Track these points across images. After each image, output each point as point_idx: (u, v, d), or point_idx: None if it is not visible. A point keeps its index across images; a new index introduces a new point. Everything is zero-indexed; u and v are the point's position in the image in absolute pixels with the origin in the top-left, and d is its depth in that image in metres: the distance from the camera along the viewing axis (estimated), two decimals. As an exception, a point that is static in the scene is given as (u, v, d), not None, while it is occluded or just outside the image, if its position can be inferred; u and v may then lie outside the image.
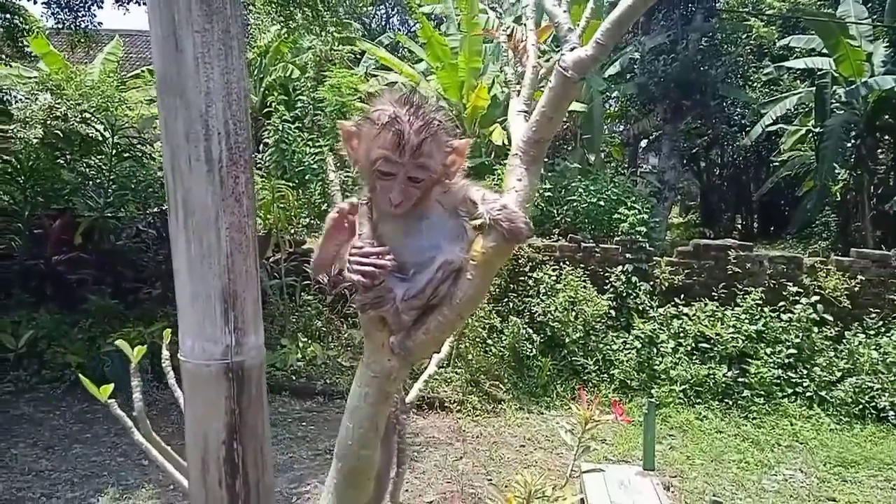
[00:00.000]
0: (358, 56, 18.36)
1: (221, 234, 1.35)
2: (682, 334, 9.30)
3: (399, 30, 23.15)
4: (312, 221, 11.88)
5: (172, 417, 6.81)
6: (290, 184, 11.10)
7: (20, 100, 15.64)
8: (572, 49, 1.27)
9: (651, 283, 9.82)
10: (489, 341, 9.20)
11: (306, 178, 12.27)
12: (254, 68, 18.02)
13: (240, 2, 1.34)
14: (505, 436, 7.79)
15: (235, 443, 1.43)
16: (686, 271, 9.83)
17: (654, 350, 9.24)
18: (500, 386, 8.79)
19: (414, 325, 1.51)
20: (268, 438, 1.53)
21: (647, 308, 9.59)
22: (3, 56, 11.26)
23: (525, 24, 1.69)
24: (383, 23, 26.46)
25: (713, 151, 21.60)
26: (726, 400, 8.82)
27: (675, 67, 14.46)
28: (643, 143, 19.60)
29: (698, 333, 9.23)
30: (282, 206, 10.03)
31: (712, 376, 8.82)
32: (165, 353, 1.76)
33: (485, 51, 14.64)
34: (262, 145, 13.57)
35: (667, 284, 9.77)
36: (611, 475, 5.87)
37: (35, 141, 12.20)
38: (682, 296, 9.62)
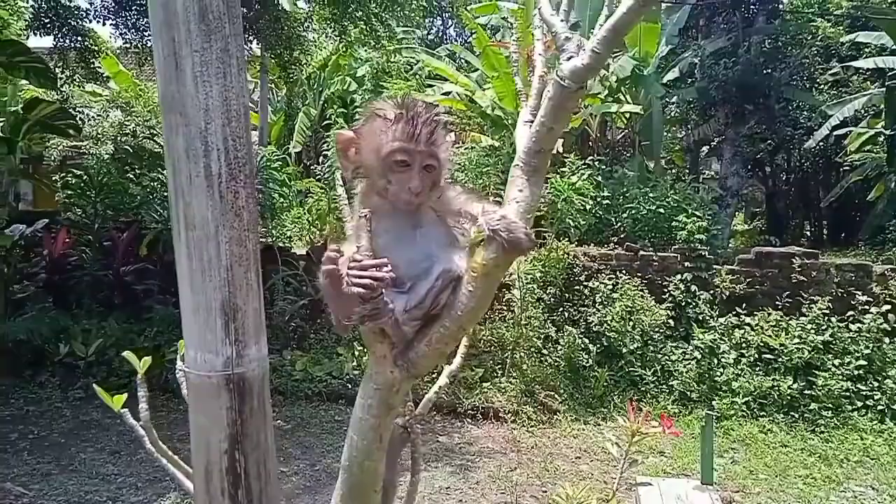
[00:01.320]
0: (414, 67, 18.49)
1: (221, 247, 1.37)
2: (744, 345, 9.01)
3: (456, 41, 23.27)
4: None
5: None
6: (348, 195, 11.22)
7: (92, 117, 16.35)
8: (569, 58, 1.25)
9: (711, 292, 9.55)
10: (544, 351, 9.11)
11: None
12: (313, 82, 18.39)
13: (240, 21, 1.37)
14: (560, 447, 7.69)
15: (237, 453, 1.45)
16: (748, 280, 9.53)
17: (715, 361, 8.98)
18: (556, 396, 8.68)
19: (416, 337, 1.52)
20: (271, 450, 1.54)
21: (707, 318, 9.33)
22: (77, 77, 11.75)
23: (533, 34, 1.66)
24: (440, 34, 26.60)
25: (778, 156, 20.86)
26: (792, 413, 8.49)
27: (737, 71, 14.08)
28: (704, 149, 19.11)
29: (761, 344, 8.93)
30: (339, 216, 10.16)
31: (777, 388, 8.52)
32: (179, 364, 1.79)
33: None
34: (321, 157, 13.81)
35: (728, 293, 9.50)
36: (668, 489, 5.71)
37: (106, 156, 12.70)
38: (744, 305, 9.32)
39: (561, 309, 9.58)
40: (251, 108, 16.70)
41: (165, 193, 10.58)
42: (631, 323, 9.10)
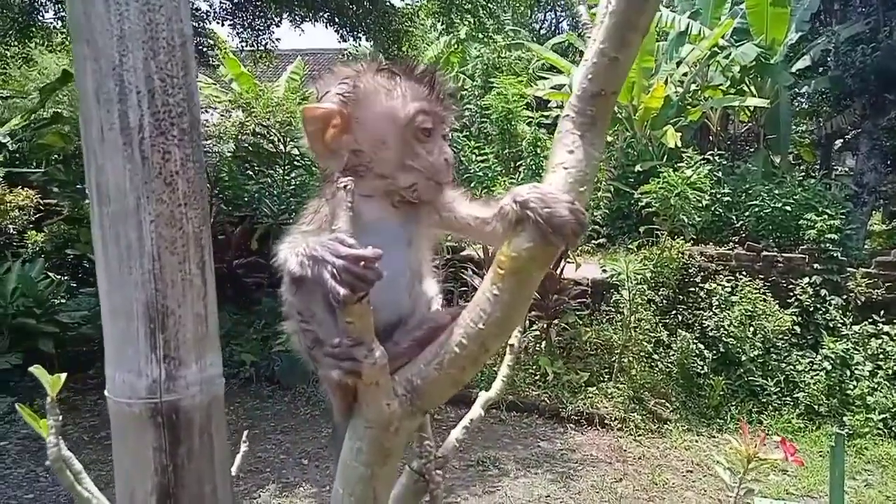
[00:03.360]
0: (527, 62, 18.23)
1: (145, 228, 1.04)
2: (881, 356, 8.20)
3: (570, 33, 22.79)
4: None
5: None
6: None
7: (218, 117, 17.07)
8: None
9: (844, 297, 8.76)
10: (655, 356, 8.62)
11: (472, 185, 12.27)
12: (425, 79, 18.49)
13: None
14: (670, 458, 7.22)
15: None
16: (887, 284, 8.68)
17: (847, 373, 8.20)
18: (667, 404, 8.19)
19: (422, 357, 1.16)
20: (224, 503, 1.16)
21: (839, 325, 8.56)
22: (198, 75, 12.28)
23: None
24: (553, 28, 26.11)
25: (923, 150, 19.10)
26: (937, 433, 7.64)
27: (876, 57, 12.88)
28: (838, 143, 17.71)
29: (903, 356, 8.09)
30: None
31: (920, 405, 7.68)
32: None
33: (657, 49, 13.94)
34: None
35: (863, 299, 8.68)
36: (790, 513, 5.21)
37: (228, 154, 13.18)
38: (882, 312, 8.50)
39: (674, 312, 9.04)
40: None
41: (278, 191, 10.91)
42: (751, 328, 8.46)
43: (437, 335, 1.16)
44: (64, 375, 1.29)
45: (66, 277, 9.30)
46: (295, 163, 10.83)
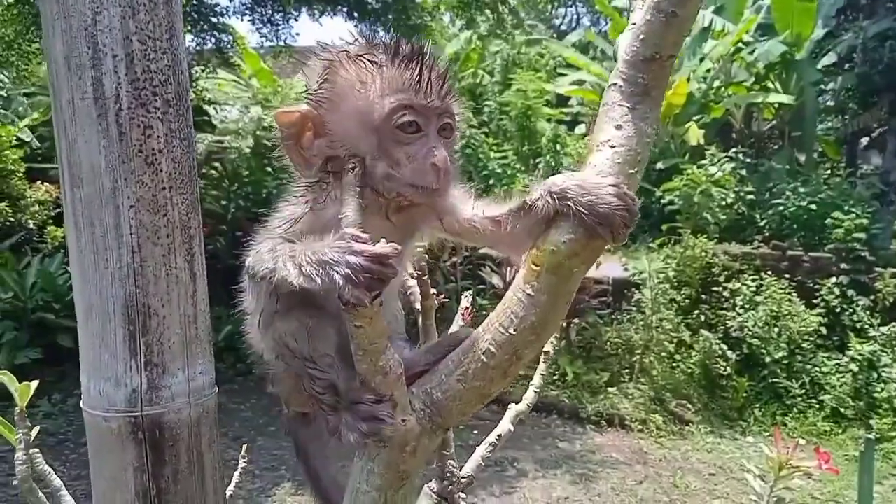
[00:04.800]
0: (548, 58, 18.09)
1: (122, 214, 0.90)
2: (911, 358, 7.98)
3: (590, 29, 22.56)
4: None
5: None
6: (476, 189, 11.08)
7: (237, 113, 17.13)
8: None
9: (871, 297, 8.56)
10: (677, 357, 8.48)
11: (490, 182, 12.19)
12: (445, 76, 18.42)
13: None
14: (692, 461, 7.08)
15: None
16: (917, 285, 8.47)
17: (875, 375, 8.01)
18: (689, 406, 8.05)
19: (443, 366, 1.02)
20: None
21: (866, 326, 8.36)
22: (213, 68, 12.26)
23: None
24: (572, 23, 25.91)
25: (953, 149, 18.73)
26: (968, 438, 7.44)
27: (906, 53, 12.64)
28: (864, 141, 17.39)
29: (932, 358, 7.89)
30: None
31: (950, 409, 7.49)
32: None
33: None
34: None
35: (892, 300, 8.46)
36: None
37: (247, 150, 13.18)
38: (912, 314, 8.28)
39: (696, 312, 8.87)
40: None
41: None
42: (776, 329, 8.28)
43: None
44: (35, 384, 1.18)
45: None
46: (314, 158, 10.80)
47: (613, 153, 0.91)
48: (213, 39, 11.38)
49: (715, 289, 8.91)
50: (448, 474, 1.37)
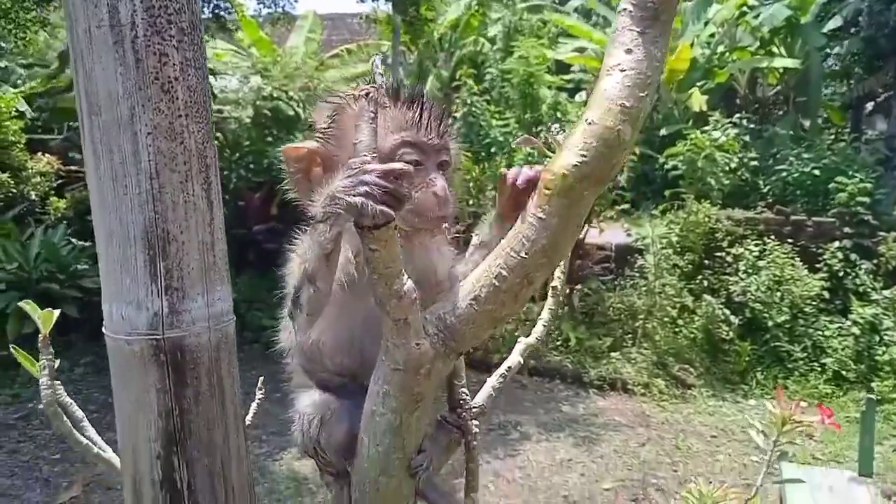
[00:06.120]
0: (550, 25, 17.92)
1: (140, 141, 0.90)
2: (912, 321, 8.00)
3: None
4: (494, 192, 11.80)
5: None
6: (478, 156, 11.02)
7: (237, 82, 17.03)
8: None
9: (875, 261, 8.56)
10: (679, 321, 8.50)
11: (492, 150, 12.13)
12: (444, 43, 18.17)
13: None
14: (694, 424, 7.15)
15: (176, 459, 0.99)
16: (920, 249, 8.46)
17: (877, 338, 8.03)
18: (691, 370, 8.10)
19: (456, 292, 1.05)
20: (238, 454, 1.07)
21: (869, 290, 8.37)
22: (212, 34, 12.17)
23: None
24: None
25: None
26: (969, 399, 7.48)
27: (913, 16, 12.50)
28: (869, 106, 17.26)
29: (934, 321, 7.90)
30: (465, 178, 9.97)
31: (951, 371, 7.52)
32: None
33: (683, 9, 13.60)
34: (452, 119, 13.67)
35: (895, 263, 8.46)
36: (819, 479, 5.11)
37: (247, 120, 13.14)
38: (915, 277, 8.28)
39: (699, 277, 8.88)
40: (378, 71, 16.79)
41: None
42: (779, 294, 8.30)
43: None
44: (57, 312, 1.24)
45: (88, 243, 9.34)
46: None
47: (624, 77, 0.92)
48: (211, 6, 11.26)
49: (718, 254, 8.91)
50: (461, 402, 1.40)
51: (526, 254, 0.98)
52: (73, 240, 9.10)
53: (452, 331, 1.04)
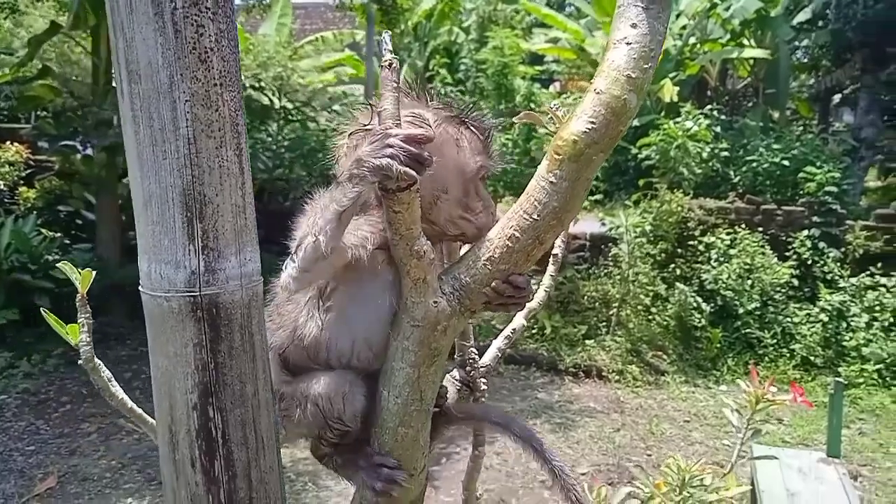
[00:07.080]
0: (524, 15, 17.94)
1: (179, 108, 0.95)
2: (878, 308, 8.21)
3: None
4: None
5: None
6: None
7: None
8: None
9: (842, 249, 8.76)
10: (653, 309, 8.65)
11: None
12: (419, 32, 18.12)
13: None
14: (667, 409, 7.29)
15: (211, 409, 1.05)
16: (886, 237, 8.67)
17: (844, 324, 8.25)
18: (664, 357, 8.24)
19: (471, 253, 1.13)
20: (266, 406, 1.12)
21: (837, 277, 8.57)
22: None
23: None
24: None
25: (923, 105, 18.97)
26: (931, 383, 7.70)
27: (879, 9, 12.70)
28: (836, 98, 17.57)
29: (899, 307, 8.11)
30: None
31: (914, 356, 7.73)
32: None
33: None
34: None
35: (861, 251, 8.68)
36: (788, 461, 5.24)
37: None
38: (880, 264, 8.49)
39: (672, 265, 9.02)
40: (355, 58, 16.73)
41: (274, 146, 10.73)
42: (749, 281, 8.47)
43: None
44: (94, 272, 1.32)
45: (59, 234, 9.20)
46: (289, 117, 10.65)
47: (629, 49, 0.99)
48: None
49: (690, 243, 9.06)
50: (469, 360, 1.51)
51: (538, 216, 1.05)
52: (44, 230, 8.95)
53: (467, 290, 1.11)
